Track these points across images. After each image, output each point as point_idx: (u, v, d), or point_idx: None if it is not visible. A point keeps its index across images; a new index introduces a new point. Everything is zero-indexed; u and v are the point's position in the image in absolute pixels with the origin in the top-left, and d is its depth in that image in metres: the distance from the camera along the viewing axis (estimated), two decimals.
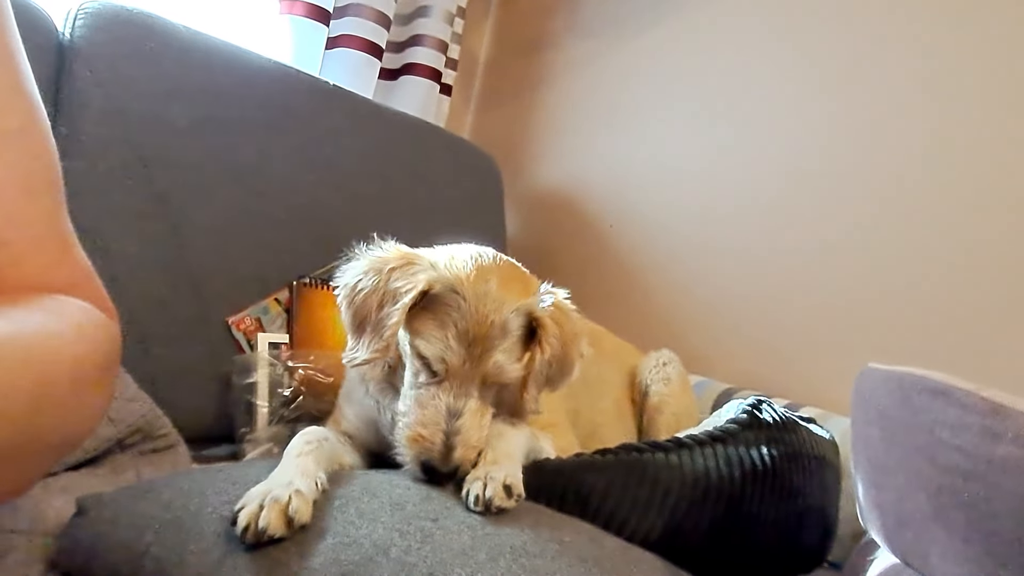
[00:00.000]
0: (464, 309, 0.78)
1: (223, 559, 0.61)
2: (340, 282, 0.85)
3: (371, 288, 0.80)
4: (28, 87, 0.58)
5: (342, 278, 0.85)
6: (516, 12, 2.23)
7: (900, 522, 0.62)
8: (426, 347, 0.78)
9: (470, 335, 0.77)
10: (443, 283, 0.79)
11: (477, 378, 0.78)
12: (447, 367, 0.78)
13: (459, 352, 0.77)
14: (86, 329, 0.54)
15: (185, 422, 1.03)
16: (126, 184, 1.14)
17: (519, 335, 0.81)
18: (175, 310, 1.18)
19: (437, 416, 0.77)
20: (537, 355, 0.82)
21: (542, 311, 0.82)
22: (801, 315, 1.53)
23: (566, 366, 0.86)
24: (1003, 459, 0.50)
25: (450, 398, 0.77)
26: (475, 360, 0.78)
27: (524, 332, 0.82)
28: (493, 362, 0.78)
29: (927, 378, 0.59)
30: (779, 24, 1.64)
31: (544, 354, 0.81)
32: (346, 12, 1.71)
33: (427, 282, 0.78)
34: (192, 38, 1.26)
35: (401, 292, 0.78)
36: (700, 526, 0.83)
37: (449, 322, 0.78)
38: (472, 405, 0.78)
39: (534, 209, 2.09)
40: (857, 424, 0.71)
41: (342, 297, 0.83)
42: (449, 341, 0.77)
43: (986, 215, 1.32)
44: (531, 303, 0.82)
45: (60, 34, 1.11)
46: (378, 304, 0.79)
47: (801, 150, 1.58)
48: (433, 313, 0.79)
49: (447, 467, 0.75)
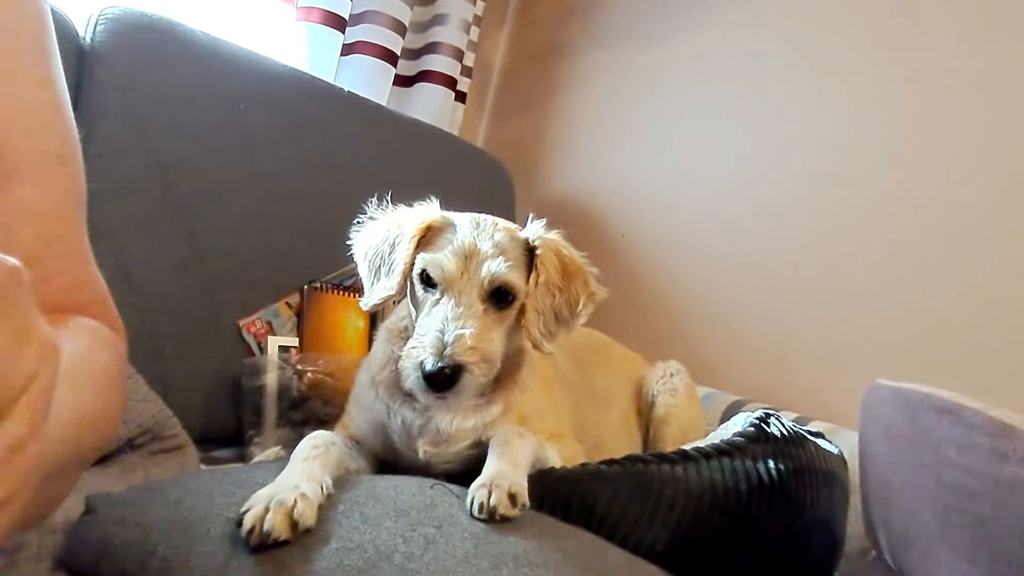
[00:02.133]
0: (461, 233, 0.84)
1: (228, 561, 0.61)
2: (356, 240, 0.92)
3: (382, 237, 0.88)
4: (67, 110, 0.60)
5: (357, 237, 0.92)
6: (531, 21, 2.25)
7: (905, 539, 0.62)
8: (425, 259, 0.82)
9: (467, 250, 0.82)
10: (444, 219, 0.87)
11: (476, 289, 0.81)
12: (444, 275, 0.81)
13: (456, 262, 0.81)
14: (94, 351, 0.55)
15: (194, 423, 1.04)
16: (143, 188, 1.16)
17: (516, 256, 0.85)
18: (187, 312, 1.20)
19: (433, 324, 0.79)
20: (534, 278, 0.85)
21: (537, 238, 0.88)
22: (812, 328, 1.52)
23: (571, 299, 0.88)
24: (1010, 479, 0.50)
25: (448, 307, 0.79)
26: (473, 272, 0.81)
27: (523, 258, 0.86)
28: (487, 266, 0.81)
29: (934, 396, 0.58)
30: (796, 33, 1.64)
31: (540, 276, 0.85)
32: (362, 19, 1.73)
33: (430, 215, 0.86)
34: (210, 44, 1.28)
35: (406, 228, 0.86)
36: (705, 539, 0.82)
37: (447, 242, 0.83)
38: (473, 312, 0.80)
39: (546, 217, 2.09)
40: (864, 440, 0.71)
41: (357, 251, 0.91)
42: (447, 251, 0.82)
43: (1003, 231, 1.30)
44: (526, 232, 0.89)
45: (81, 39, 1.13)
46: (390, 247, 0.87)
47: (815, 163, 1.57)
48: (434, 243, 0.85)
49: (442, 362, 0.75)
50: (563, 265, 0.88)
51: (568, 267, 0.89)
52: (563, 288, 0.87)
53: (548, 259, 0.86)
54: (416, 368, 0.77)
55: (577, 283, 0.89)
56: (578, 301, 0.89)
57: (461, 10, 1.92)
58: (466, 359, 0.76)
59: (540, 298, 0.85)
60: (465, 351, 0.76)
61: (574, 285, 0.88)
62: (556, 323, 0.87)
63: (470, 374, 0.77)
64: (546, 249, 0.87)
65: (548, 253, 0.87)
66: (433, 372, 0.75)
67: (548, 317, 0.86)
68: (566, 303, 0.87)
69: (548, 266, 0.86)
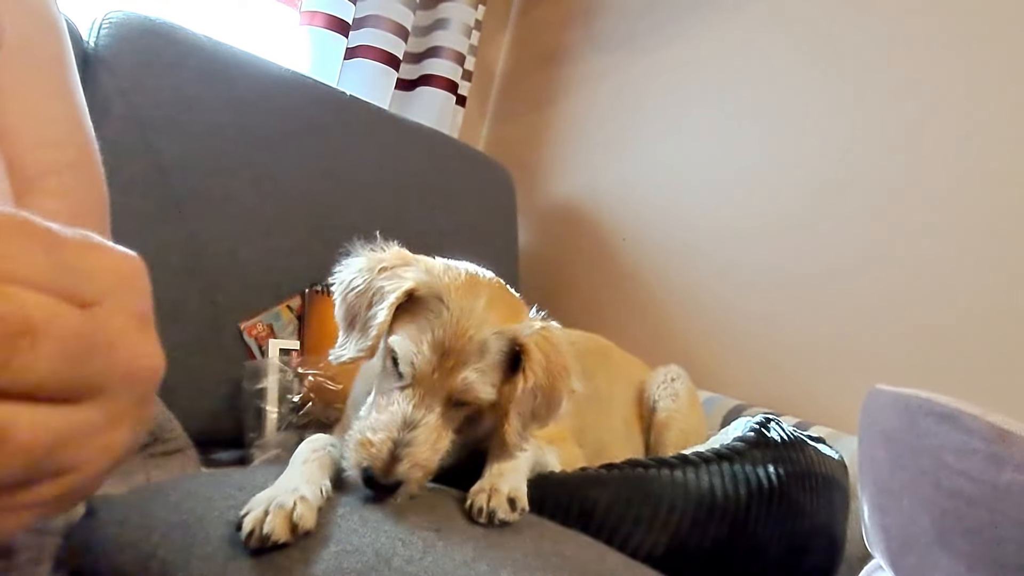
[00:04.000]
0: (445, 319, 0.75)
1: (227, 563, 0.61)
2: (337, 278, 0.85)
3: (363, 286, 0.81)
4: (85, 121, 0.61)
5: (339, 274, 0.85)
6: (533, 25, 2.25)
7: (904, 546, 0.62)
8: (398, 344, 0.75)
9: (445, 345, 0.74)
10: (429, 287, 0.78)
11: (443, 393, 0.75)
12: (414, 371, 0.74)
13: (429, 359, 0.74)
14: None
15: (195, 426, 1.04)
16: (145, 190, 1.16)
17: (499, 359, 0.78)
18: (189, 315, 1.20)
19: (390, 423, 0.73)
20: (520, 383, 0.77)
21: (528, 337, 0.78)
22: (813, 333, 1.52)
23: (553, 400, 0.81)
24: (1008, 486, 0.50)
25: (408, 407, 0.73)
26: (445, 373, 0.74)
27: (506, 358, 0.79)
28: (462, 378, 0.74)
29: (933, 401, 0.58)
30: (798, 38, 1.64)
31: (527, 382, 0.77)
32: (365, 23, 1.74)
33: (414, 283, 0.77)
34: (213, 48, 1.28)
35: (387, 291, 0.78)
36: (704, 544, 0.83)
37: (427, 327, 0.75)
38: (430, 420, 0.74)
39: (547, 221, 2.10)
40: (863, 445, 0.70)
41: (337, 293, 0.84)
42: (422, 345, 0.74)
43: (1004, 238, 1.30)
44: (516, 328, 0.79)
45: (85, 43, 1.14)
46: (368, 303, 0.79)
47: (816, 169, 1.57)
48: (415, 317, 0.77)
49: (387, 479, 0.71)
50: (550, 367, 0.80)
51: (554, 366, 0.80)
52: (547, 390, 0.80)
53: (538, 364, 0.78)
54: (359, 470, 0.72)
55: (562, 383, 0.82)
56: (560, 399, 0.82)
57: (463, 14, 1.93)
58: (408, 476, 0.72)
59: (524, 402, 0.78)
60: (411, 467, 0.72)
61: (559, 385, 0.81)
62: (532, 420, 0.81)
63: (407, 488, 0.72)
64: (537, 354, 0.78)
65: (539, 357, 0.78)
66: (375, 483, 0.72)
67: (527, 419, 0.80)
68: (546, 404, 0.81)
69: (537, 371, 0.78)
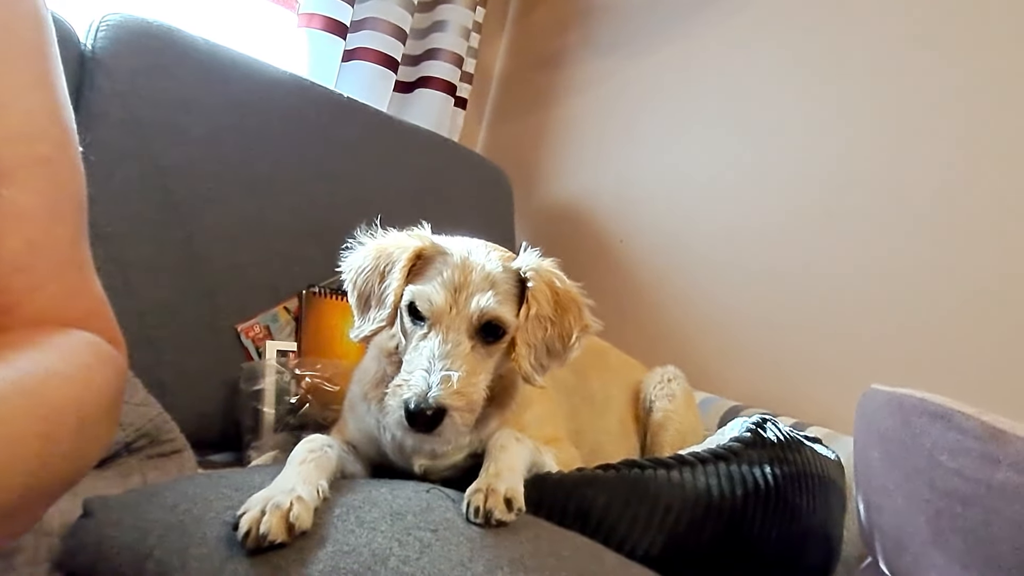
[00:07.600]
0: (453, 262, 0.81)
1: (224, 564, 0.61)
2: (345, 266, 0.89)
3: (371, 264, 0.86)
4: (64, 114, 0.58)
5: (347, 263, 0.89)
6: (531, 28, 2.26)
7: (899, 545, 0.62)
8: (414, 291, 0.80)
9: (456, 282, 0.80)
10: (435, 245, 0.85)
11: (465, 324, 0.79)
12: (432, 308, 0.79)
13: (445, 296, 0.79)
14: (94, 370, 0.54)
15: (192, 427, 1.04)
16: (142, 193, 1.16)
17: (507, 289, 0.83)
18: (186, 316, 1.20)
19: (422, 361, 0.77)
20: (524, 310, 0.82)
21: (530, 267, 0.85)
22: (810, 333, 1.53)
23: (564, 332, 0.85)
24: (1001, 484, 0.50)
25: (435, 343, 0.77)
26: (462, 306, 0.79)
27: (515, 290, 0.84)
28: (476, 302, 0.79)
29: (927, 401, 0.59)
30: (795, 40, 1.64)
31: (531, 309, 0.82)
32: (363, 26, 1.74)
33: (420, 243, 0.84)
34: (210, 51, 1.28)
35: (396, 257, 0.84)
36: (701, 544, 0.83)
37: (438, 273, 0.81)
38: (461, 351, 0.78)
39: (545, 223, 2.10)
40: (859, 445, 0.71)
41: (347, 279, 0.88)
42: (435, 285, 0.79)
43: (1000, 240, 1.30)
44: (519, 260, 0.86)
45: (82, 45, 1.14)
46: (380, 277, 0.84)
47: (813, 171, 1.58)
48: (424, 273, 0.83)
49: (425, 404, 0.73)
50: (556, 297, 0.85)
51: (561, 299, 0.86)
52: (555, 321, 0.84)
53: (540, 291, 0.84)
54: (400, 406, 0.75)
55: (570, 315, 0.86)
56: (571, 334, 0.86)
57: (461, 17, 1.93)
58: (450, 403, 0.74)
59: (531, 331, 0.83)
60: (450, 395, 0.74)
61: (567, 318, 0.86)
62: (548, 356, 0.85)
63: (451, 419, 0.75)
64: (538, 281, 0.84)
65: (540, 285, 0.84)
66: (416, 412, 0.73)
67: (539, 350, 0.84)
68: (558, 336, 0.85)
69: (540, 299, 0.83)
